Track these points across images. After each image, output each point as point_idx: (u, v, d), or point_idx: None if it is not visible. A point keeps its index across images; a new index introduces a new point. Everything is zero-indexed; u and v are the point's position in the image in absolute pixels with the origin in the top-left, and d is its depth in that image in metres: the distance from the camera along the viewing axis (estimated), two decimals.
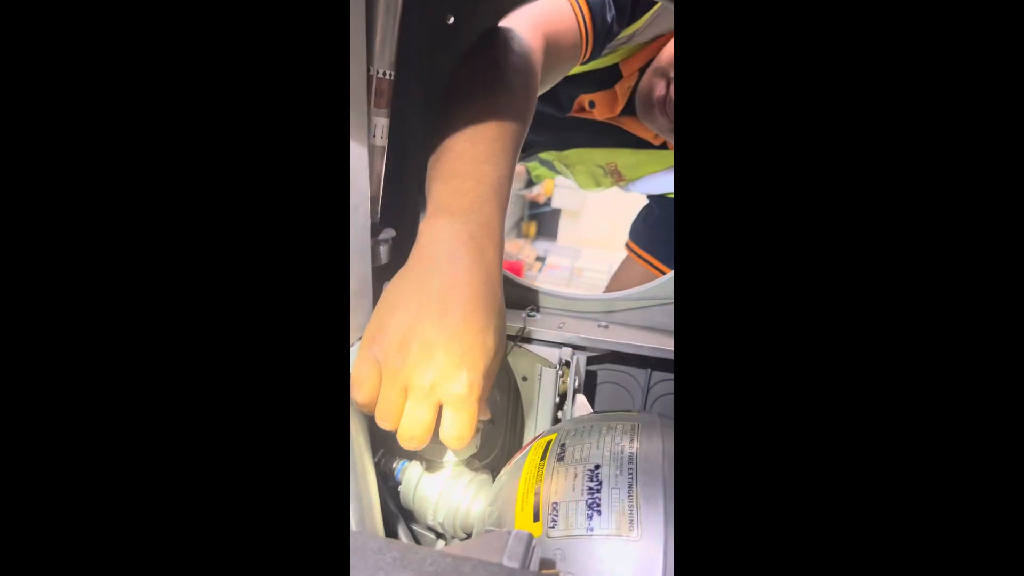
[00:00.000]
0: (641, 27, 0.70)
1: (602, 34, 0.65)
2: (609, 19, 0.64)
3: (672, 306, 0.55)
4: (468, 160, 0.44)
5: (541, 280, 2.89)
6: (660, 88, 0.73)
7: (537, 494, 0.37)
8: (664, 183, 0.92)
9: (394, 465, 0.53)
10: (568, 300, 0.58)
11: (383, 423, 0.40)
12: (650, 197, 1.03)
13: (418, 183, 0.56)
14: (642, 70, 0.77)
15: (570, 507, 0.35)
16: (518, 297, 0.58)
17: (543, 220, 3.52)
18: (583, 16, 0.61)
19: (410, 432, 0.39)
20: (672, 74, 0.72)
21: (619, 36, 0.69)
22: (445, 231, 0.41)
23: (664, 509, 0.33)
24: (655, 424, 0.40)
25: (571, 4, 0.60)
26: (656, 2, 0.67)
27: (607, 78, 0.77)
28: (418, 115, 0.53)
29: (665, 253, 0.94)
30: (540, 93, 0.56)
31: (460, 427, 0.39)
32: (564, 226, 3.52)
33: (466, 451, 0.48)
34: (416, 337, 0.38)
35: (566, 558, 0.33)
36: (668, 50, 0.74)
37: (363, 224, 0.42)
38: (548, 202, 3.41)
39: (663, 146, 0.85)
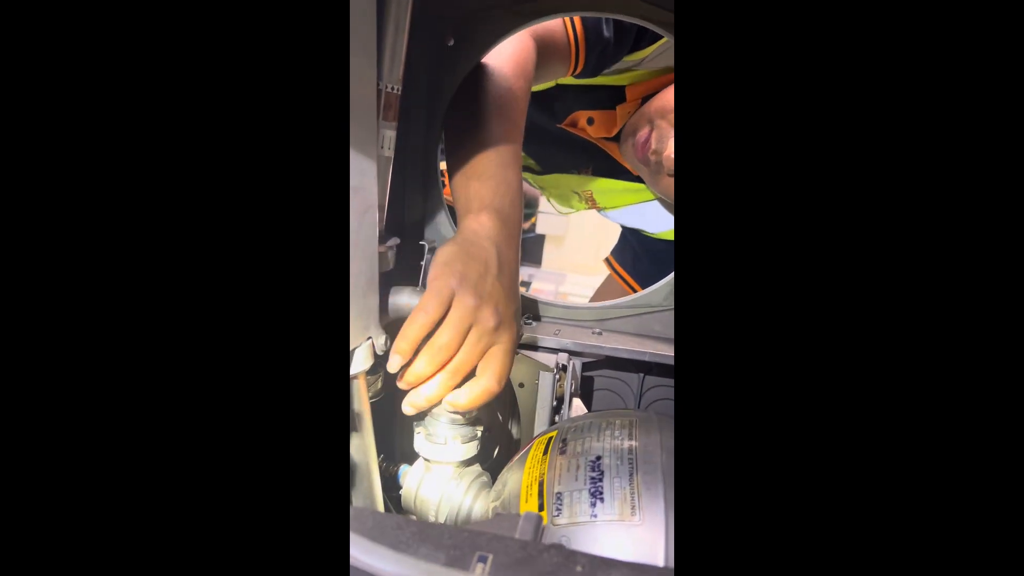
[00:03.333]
0: (651, 55, 0.73)
1: (596, 47, 0.68)
2: (607, 34, 0.67)
3: (664, 313, 0.57)
4: (494, 163, 0.52)
5: None
6: (643, 132, 0.75)
7: (541, 485, 0.38)
8: (637, 218, 0.93)
9: (395, 469, 0.54)
10: (564, 309, 0.60)
11: (436, 354, 0.45)
12: (624, 228, 1.05)
13: (419, 193, 0.58)
14: (645, 98, 0.78)
15: (573, 496, 0.36)
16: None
17: (527, 246, 3.56)
18: (573, 25, 0.65)
19: (462, 363, 0.45)
20: (656, 120, 0.74)
21: (626, 59, 0.72)
22: (493, 228, 0.50)
23: (664, 496, 0.35)
24: (652, 421, 0.42)
25: (563, 20, 0.64)
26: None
27: (610, 98, 0.79)
28: (421, 130, 0.55)
29: (643, 277, 0.97)
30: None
31: (505, 367, 0.47)
32: (548, 252, 3.56)
33: (468, 449, 0.49)
34: (486, 288, 0.47)
35: (571, 543, 0.34)
36: (661, 99, 0.75)
37: (371, 229, 0.43)
38: (532, 228, 3.46)
39: (640, 179, 0.86)
